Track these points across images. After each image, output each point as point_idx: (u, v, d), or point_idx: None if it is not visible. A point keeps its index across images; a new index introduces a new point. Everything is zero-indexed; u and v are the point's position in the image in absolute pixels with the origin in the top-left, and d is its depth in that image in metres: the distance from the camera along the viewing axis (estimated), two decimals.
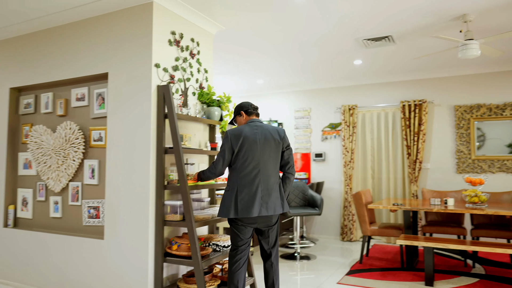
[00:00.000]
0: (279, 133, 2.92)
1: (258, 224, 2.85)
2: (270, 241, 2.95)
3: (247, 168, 2.79)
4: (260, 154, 2.82)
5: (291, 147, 3.01)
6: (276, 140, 2.89)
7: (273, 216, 2.89)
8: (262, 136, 2.85)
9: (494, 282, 3.96)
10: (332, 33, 4.28)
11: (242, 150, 2.80)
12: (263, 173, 2.81)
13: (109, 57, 3.39)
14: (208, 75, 3.88)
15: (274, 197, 2.82)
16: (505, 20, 3.84)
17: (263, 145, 2.83)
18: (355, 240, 6.27)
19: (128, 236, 3.16)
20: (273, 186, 2.84)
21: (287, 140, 2.97)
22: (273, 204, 2.81)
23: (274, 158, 2.88)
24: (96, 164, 3.51)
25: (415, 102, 5.92)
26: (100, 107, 3.53)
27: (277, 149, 2.89)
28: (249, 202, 2.74)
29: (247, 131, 2.83)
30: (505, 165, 5.47)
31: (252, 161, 2.80)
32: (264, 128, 2.89)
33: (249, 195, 2.75)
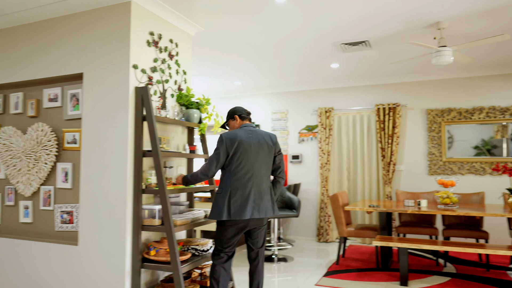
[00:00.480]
0: (271, 138, 3.02)
1: (249, 226, 2.88)
2: (259, 241, 3.00)
3: (241, 172, 2.83)
4: (254, 158, 2.88)
5: (282, 152, 3.08)
6: (269, 145, 2.97)
7: (264, 218, 2.95)
8: (256, 140, 2.91)
9: (465, 281, 4.11)
10: (311, 37, 4.32)
11: (237, 154, 2.84)
12: (256, 177, 2.87)
13: (84, 57, 3.29)
14: (187, 77, 3.83)
15: (266, 200, 2.90)
16: (476, 29, 3.99)
17: (257, 149, 2.90)
18: (331, 241, 6.36)
19: (104, 241, 3.07)
20: (265, 189, 2.91)
21: (278, 146, 3.06)
22: (264, 207, 2.87)
23: (266, 163, 2.95)
24: (70, 167, 3.39)
25: (390, 106, 6.07)
26: (74, 108, 3.42)
27: (270, 154, 2.97)
28: (242, 205, 2.78)
29: (242, 135, 2.88)
30: (474, 167, 5.69)
31: (246, 165, 2.84)
32: (258, 133, 2.96)
33: (242, 198, 2.80)
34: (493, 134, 5.66)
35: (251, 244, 2.99)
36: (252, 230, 2.96)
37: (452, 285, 3.96)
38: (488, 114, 5.65)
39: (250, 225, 2.88)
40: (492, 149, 5.65)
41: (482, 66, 5.52)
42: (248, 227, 2.88)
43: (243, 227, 2.86)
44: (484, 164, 5.64)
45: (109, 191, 3.08)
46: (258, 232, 2.97)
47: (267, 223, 3.04)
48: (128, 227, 3.00)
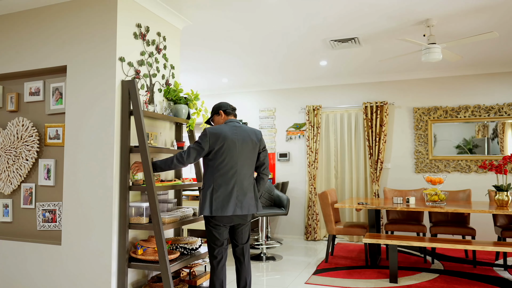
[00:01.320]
0: (256, 134, 2.97)
1: (234, 222, 2.86)
2: (243, 237, 2.96)
3: (224, 168, 2.80)
4: (238, 155, 2.84)
5: (266, 149, 3.05)
6: (254, 141, 2.93)
7: (247, 215, 2.92)
8: (241, 137, 2.87)
9: (453, 277, 4.14)
10: (301, 33, 4.27)
11: (221, 150, 2.80)
12: (239, 173, 2.84)
13: (68, 49, 3.16)
14: (175, 72, 3.73)
15: (249, 197, 2.87)
16: (465, 27, 4.01)
17: (241, 146, 2.86)
18: (319, 239, 6.34)
19: (89, 240, 2.95)
20: (248, 186, 2.89)
21: (263, 142, 3.03)
22: (247, 204, 2.85)
23: (250, 159, 2.92)
24: (52, 164, 3.26)
25: (377, 104, 6.08)
26: (57, 102, 3.28)
27: (254, 150, 2.94)
28: (224, 201, 2.76)
29: (227, 131, 2.84)
30: (459, 165, 5.75)
31: (229, 161, 2.81)
32: (242, 129, 2.91)
33: (224, 194, 2.77)
34: (474, 133, 5.75)
35: (235, 240, 2.97)
36: (236, 226, 2.93)
37: (441, 282, 3.97)
38: (473, 112, 5.72)
39: (235, 221, 2.85)
40: (473, 149, 5.73)
41: (468, 65, 5.58)
42: (233, 223, 2.86)
43: (227, 223, 2.84)
44: (470, 162, 5.71)
45: (94, 188, 2.96)
46: (242, 228, 2.95)
47: (251, 220, 3.01)
48: (114, 226, 2.90)
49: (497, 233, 4.72)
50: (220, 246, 2.86)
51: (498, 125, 5.63)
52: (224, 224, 2.83)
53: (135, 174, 2.94)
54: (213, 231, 2.84)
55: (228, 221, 2.82)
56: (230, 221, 2.83)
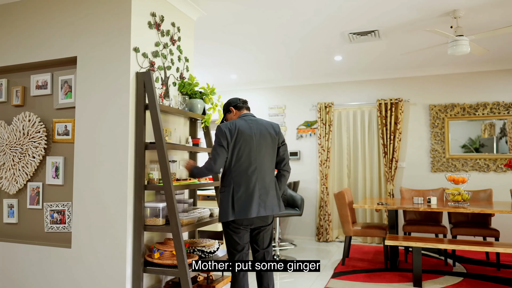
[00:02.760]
0: (274, 128, 2.75)
1: (255, 224, 2.64)
2: (265, 241, 2.74)
3: (243, 165, 2.59)
4: (257, 150, 2.63)
5: (286, 143, 2.82)
6: (272, 135, 2.71)
7: (269, 216, 2.69)
8: (258, 130, 2.66)
9: (478, 281, 3.95)
10: (319, 25, 4.09)
11: (238, 145, 2.59)
12: (260, 170, 2.62)
13: (78, 38, 2.96)
14: (189, 65, 3.54)
15: (271, 196, 2.66)
16: (494, 18, 3.82)
17: (259, 140, 2.65)
18: (331, 240, 6.15)
19: (102, 243, 2.76)
20: (270, 184, 2.67)
21: (282, 136, 2.80)
22: (270, 204, 2.64)
23: (270, 155, 2.70)
24: (61, 162, 3.06)
25: (391, 101, 5.90)
26: (66, 96, 3.09)
27: (273, 144, 2.72)
28: (247, 202, 2.54)
29: (242, 125, 2.64)
30: (478, 164, 5.57)
31: (248, 157, 2.60)
32: (258, 123, 2.71)
33: (246, 194, 2.55)
34: (480, 132, 5.58)
35: (256, 244, 2.74)
36: (257, 229, 2.70)
37: (467, 285, 3.79)
38: (492, 109, 5.54)
39: (256, 224, 2.64)
40: (480, 148, 5.57)
41: (485, 60, 5.40)
42: (254, 225, 2.64)
43: (248, 225, 2.62)
44: (488, 161, 5.53)
45: (107, 187, 2.77)
46: (264, 231, 2.71)
47: (272, 222, 2.78)
48: (129, 227, 2.70)
49: None
50: (241, 251, 2.65)
51: (506, 123, 5.46)
52: (244, 226, 2.62)
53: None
54: (233, 235, 2.63)
55: (249, 223, 2.61)
56: (251, 223, 2.62)
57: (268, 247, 2.77)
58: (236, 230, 2.62)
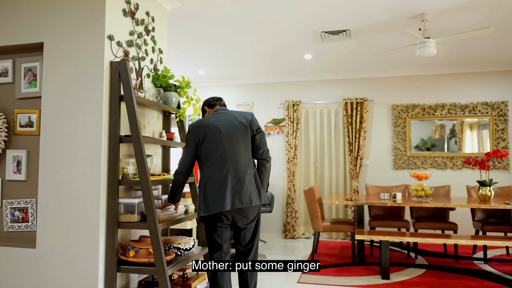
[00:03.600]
0: (245, 116, 2.65)
1: (235, 220, 2.52)
2: (247, 237, 2.61)
3: (212, 157, 2.53)
4: (226, 140, 2.54)
5: (263, 130, 2.73)
6: (242, 123, 2.60)
7: (249, 210, 2.53)
8: (226, 121, 2.59)
9: (440, 272, 4.16)
10: (294, 23, 4.11)
11: (205, 140, 2.55)
12: (231, 160, 2.51)
13: (45, 22, 2.76)
14: (163, 56, 3.42)
15: (249, 187, 2.49)
16: (457, 23, 4.03)
17: (228, 130, 2.56)
18: (297, 237, 6.22)
19: (71, 242, 2.59)
20: (246, 174, 2.52)
21: (256, 123, 2.67)
22: (247, 195, 2.47)
23: (243, 144, 2.57)
24: (24, 155, 2.84)
25: (357, 100, 6.07)
26: (30, 85, 2.86)
27: (245, 133, 2.59)
28: (219, 194, 2.44)
29: (209, 120, 2.62)
30: (436, 162, 5.88)
31: (217, 149, 2.52)
32: (227, 114, 2.65)
33: (217, 187, 2.46)
34: (431, 133, 5.91)
35: (237, 241, 2.65)
36: (240, 227, 2.57)
37: (431, 277, 3.98)
38: (449, 110, 5.86)
39: (236, 220, 2.50)
40: (431, 148, 5.89)
41: (445, 64, 5.70)
42: (234, 221, 2.52)
43: (227, 221, 2.51)
44: (446, 159, 5.85)
45: (78, 182, 2.60)
46: (245, 228, 2.59)
47: (258, 218, 2.65)
48: (102, 225, 2.56)
49: (475, 227, 4.84)
50: (220, 249, 2.56)
51: (456, 125, 5.82)
52: (222, 222, 2.51)
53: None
54: (211, 233, 2.56)
55: (227, 218, 2.49)
56: (229, 218, 2.50)
57: (250, 243, 2.64)
58: (213, 227, 2.54)
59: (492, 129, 5.69)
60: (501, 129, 5.67)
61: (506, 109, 5.67)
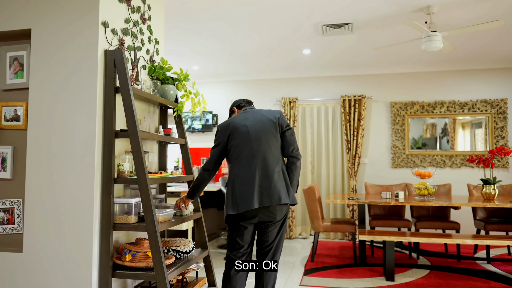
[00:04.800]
0: (273, 113, 2.58)
1: (260, 219, 2.41)
2: (270, 237, 2.47)
3: (240, 155, 2.46)
4: (254, 138, 2.46)
5: (291, 127, 2.62)
6: (270, 119, 2.52)
7: (277, 209, 2.40)
8: (253, 118, 2.55)
9: (445, 273, 4.06)
10: (292, 14, 3.95)
11: (234, 140, 2.50)
12: (259, 157, 2.42)
13: (33, 7, 2.54)
14: (159, 47, 3.23)
15: (277, 184, 2.38)
16: (465, 15, 3.91)
17: (255, 127, 2.49)
18: (294, 237, 6.07)
19: (62, 246, 2.38)
20: (274, 171, 2.41)
21: (285, 120, 2.58)
22: (276, 192, 2.36)
23: (271, 140, 2.48)
24: (9, 152, 2.62)
25: (355, 97, 5.95)
26: (16, 75, 2.65)
27: (274, 130, 2.50)
28: (247, 192, 2.35)
29: (236, 118, 2.59)
30: (435, 160, 5.79)
31: (245, 147, 2.45)
32: (255, 112, 2.62)
33: (245, 184, 2.38)
34: (422, 132, 5.84)
35: (260, 240, 2.51)
36: (263, 225, 2.46)
37: (435, 278, 3.86)
38: (448, 108, 5.78)
39: (261, 218, 2.39)
40: (422, 147, 5.82)
41: (445, 61, 5.62)
42: (259, 220, 2.41)
43: (251, 220, 2.41)
44: (445, 157, 5.77)
45: (69, 181, 2.39)
46: (270, 227, 2.46)
47: (286, 219, 2.52)
48: (95, 226, 2.36)
49: (476, 226, 4.76)
50: (240, 249, 2.47)
51: (448, 123, 5.74)
52: (247, 222, 2.40)
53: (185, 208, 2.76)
54: (234, 232, 2.47)
55: (252, 216, 2.37)
56: (254, 216, 2.38)
57: (273, 243, 2.49)
58: (237, 226, 2.44)
59: (491, 127, 5.63)
60: (500, 127, 5.61)
61: (505, 106, 5.61)
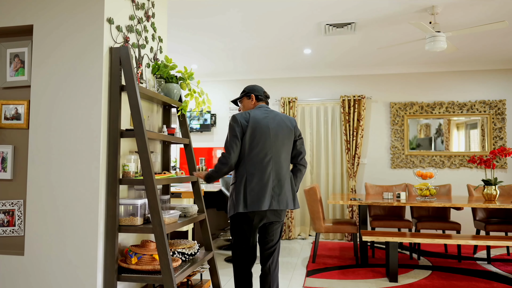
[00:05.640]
0: (290, 121, 2.67)
1: (266, 219, 2.51)
2: (274, 238, 2.61)
3: (258, 155, 2.47)
4: (273, 140, 2.51)
5: (302, 137, 2.76)
6: (288, 127, 2.61)
7: (282, 212, 2.58)
8: (274, 121, 2.55)
9: (447, 273, 4.05)
10: (296, 13, 3.91)
11: (252, 135, 2.48)
12: (275, 161, 2.50)
13: (35, 2, 2.47)
14: (163, 45, 3.17)
15: (287, 190, 2.54)
16: (469, 16, 3.91)
17: (276, 131, 2.54)
18: (293, 238, 6.04)
19: (65, 248, 2.31)
20: (285, 177, 2.55)
21: (298, 129, 2.71)
22: (285, 198, 2.51)
23: (286, 146, 2.60)
24: (10, 151, 2.54)
25: (355, 97, 5.93)
26: (17, 73, 2.57)
27: (290, 137, 2.61)
28: (260, 193, 2.41)
29: (257, 114, 2.53)
30: (434, 161, 5.80)
31: (263, 148, 2.48)
32: (275, 114, 2.61)
33: (259, 185, 2.44)
34: (416, 132, 5.85)
35: (264, 241, 2.60)
36: (268, 225, 2.57)
37: (438, 279, 3.86)
38: (447, 109, 5.80)
39: (268, 219, 2.51)
40: (416, 148, 5.83)
41: (443, 62, 5.63)
42: (265, 221, 2.50)
43: (259, 220, 2.49)
44: (443, 157, 5.78)
45: (73, 181, 2.33)
46: (275, 227, 2.59)
47: (284, 218, 2.68)
48: (100, 228, 2.29)
49: (476, 227, 4.77)
50: (251, 248, 2.54)
51: (443, 124, 5.76)
52: (256, 221, 2.48)
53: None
54: (244, 231, 2.50)
55: (260, 217, 2.48)
56: (263, 217, 2.49)
57: (277, 244, 2.64)
58: (248, 225, 2.49)
59: (490, 127, 5.66)
60: (499, 127, 5.64)
61: (503, 107, 5.64)
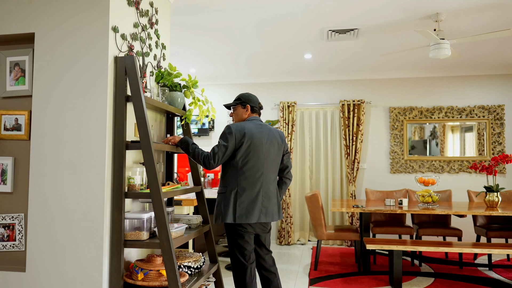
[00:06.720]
0: (280, 135, 2.76)
1: (255, 231, 2.64)
2: (267, 245, 2.74)
3: (250, 170, 2.53)
4: (265, 156, 2.59)
5: (290, 151, 2.77)
6: (279, 142, 2.70)
7: (269, 223, 2.75)
8: (268, 137, 2.62)
9: (450, 281, 4.04)
10: (302, 19, 3.87)
11: (247, 150, 2.53)
12: (265, 177, 2.60)
13: (37, 10, 2.39)
14: (166, 53, 3.10)
15: (273, 203, 2.65)
16: (473, 24, 3.90)
17: (268, 147, 2.61)
18: (292, 243, 6.00)
19: (69, 265, 2.24)
20: (273, 191, 2.67)
21: (287, 144, 2.81)
22: (272, 211, 2.63)
23: (276, 162, 2.69)
24: (10, 163, 2.46)
25: (354, 102, 5.91)
26: (18, 82, 2.49)
27: (279, 152, 2.71)
28: (249, 207, 2.52)
29: (252, 128, 2.56)
30: (433, 166, 5.80)
31: (256, 163, 2.55)
32: (268, 128, 2.67)
33: (249, 199, 2.53)
34: (410, 135, 5.85)
35: (259, 249, 2.72)
36: (257, 236, 2.71)
37: (442, 286, 3.84)
38: (446, 114, 5.80)
39: (256, 230, 2.63)
40: (411, 150, 5.84)
41: (443, 67, 5.64)
42: (254, 232, 2.64)
43: (251, 229, 2.61)
44: (443, 162, 5.79)
45: (76, 195, 2.25)
46: (265, 236, 2.73)
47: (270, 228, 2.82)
48: (105, 244, 2.23)
49: (477, 233, 4.77)
50: (249, 255, 2.60)
51: (438, 127, 5.78)
52: (247, 230, 2.57)
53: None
54: (241, 239, 2.57)
55: (251, 228, 2.60)
56: (253, 230, 2.61)
57: (270, 247, 2.78)
58: (244, 233, 2.56)
59: (489, 132, 5.67)
60: (498, 132, 5.66)
61: (502, 112, 5.66)
